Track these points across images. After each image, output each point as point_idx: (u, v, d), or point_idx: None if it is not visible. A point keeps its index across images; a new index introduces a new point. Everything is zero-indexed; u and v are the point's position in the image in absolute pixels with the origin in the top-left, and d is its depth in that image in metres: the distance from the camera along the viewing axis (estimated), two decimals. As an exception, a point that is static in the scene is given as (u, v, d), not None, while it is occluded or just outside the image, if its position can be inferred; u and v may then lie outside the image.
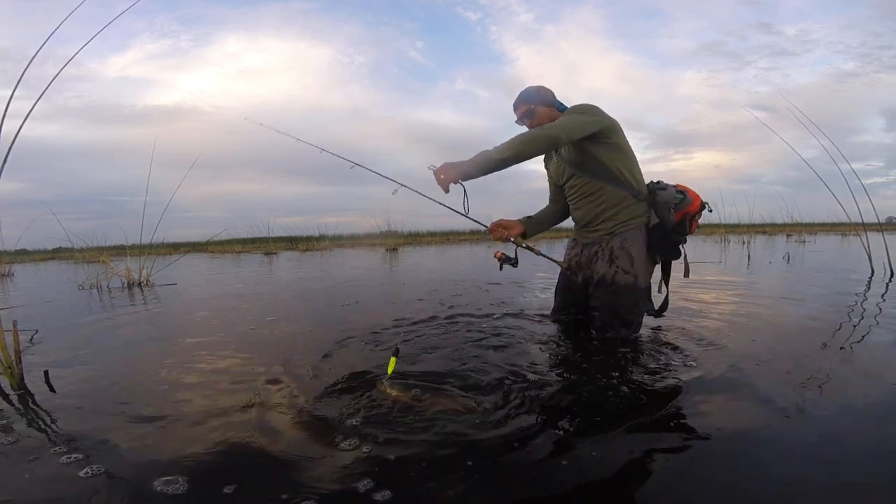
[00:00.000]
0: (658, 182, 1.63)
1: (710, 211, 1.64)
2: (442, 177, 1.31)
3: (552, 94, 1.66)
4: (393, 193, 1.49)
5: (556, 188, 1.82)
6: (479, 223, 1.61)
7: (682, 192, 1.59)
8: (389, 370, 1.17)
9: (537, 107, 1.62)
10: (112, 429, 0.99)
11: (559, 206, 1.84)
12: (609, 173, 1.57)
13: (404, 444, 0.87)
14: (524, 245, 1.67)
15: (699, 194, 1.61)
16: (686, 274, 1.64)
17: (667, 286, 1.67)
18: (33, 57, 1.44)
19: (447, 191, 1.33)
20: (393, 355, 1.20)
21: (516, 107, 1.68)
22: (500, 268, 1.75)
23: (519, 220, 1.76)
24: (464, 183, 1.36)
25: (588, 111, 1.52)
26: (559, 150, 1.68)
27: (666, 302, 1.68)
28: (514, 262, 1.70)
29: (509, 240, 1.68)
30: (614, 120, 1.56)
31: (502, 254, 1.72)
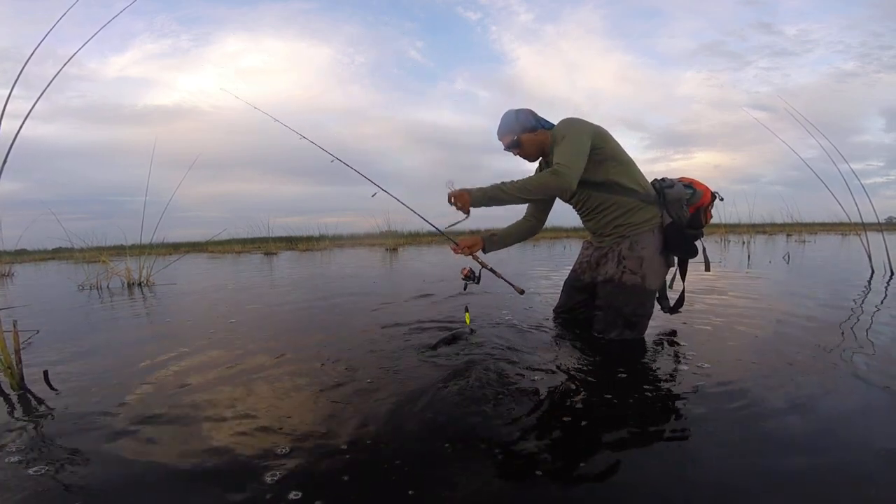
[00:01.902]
0: (664, 180, 1.61)
1: (722, 199, 1.63)
2: (460, 204, 1.50)
3: (532, 114, 1.61)
4: (372, 196, 1.73)
5: (538, 206, 1.79)
6: (451, 240, 1.72)
7: (689, 185, 1.57)
8: (467, 321, 1.76)
9: (521, 135, 1.59)
10: (112, 429, 0.99)
11: (531, 223, 1.81)
12: (611, 185, 1.54)
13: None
14: (489, 268, 1.70)
15: (707, 185, 1.60)
16: (707, 268, 1.70)
17: (683, 283, 1.66)
18: (31, 56, 1.44)
19: (468, 214, 1.53)
20: (466, 311, 1.78)
21: (500, 137, 1.64)
22: (465, 287, 1.79)
23: (481, 235, 1.73)
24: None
25: (573, 130, 1.48)
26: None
27: (682, 299, 1.68)
28: (476, 280, 1.71)
29: (474, 257, 1.68)
30: (598, 126, 1.53)
31: (469, 271, 1.72)
